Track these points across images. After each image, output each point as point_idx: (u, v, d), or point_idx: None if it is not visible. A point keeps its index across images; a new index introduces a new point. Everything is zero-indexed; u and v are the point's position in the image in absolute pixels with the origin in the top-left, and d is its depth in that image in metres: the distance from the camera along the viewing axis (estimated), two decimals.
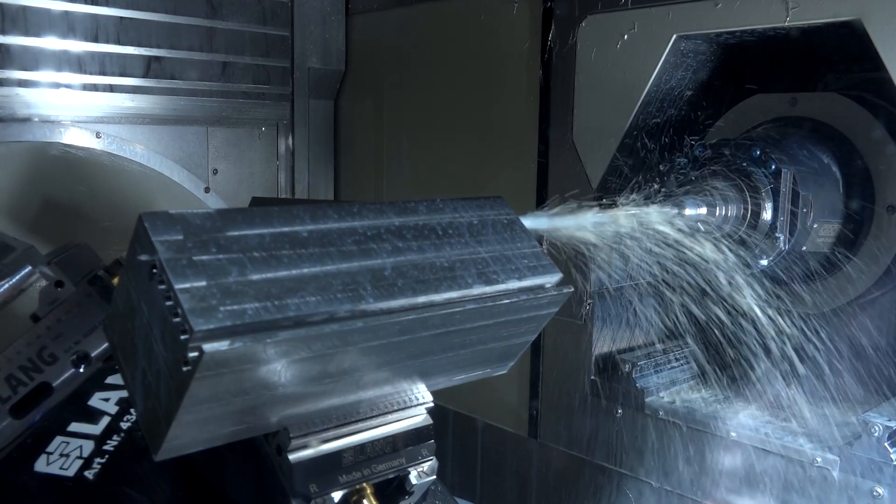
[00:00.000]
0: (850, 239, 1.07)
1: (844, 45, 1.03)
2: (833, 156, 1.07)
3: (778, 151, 1.01)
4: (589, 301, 1.22)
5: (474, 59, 1.46)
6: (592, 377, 1.24)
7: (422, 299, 0.60)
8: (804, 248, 1.02)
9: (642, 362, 1.20)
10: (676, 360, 1.25)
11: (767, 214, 1.00)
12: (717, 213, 1.00)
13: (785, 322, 1.02)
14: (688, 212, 0.98)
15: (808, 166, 1.03)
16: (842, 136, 1.08)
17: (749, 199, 1.00)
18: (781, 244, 0.99)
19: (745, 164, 1.01)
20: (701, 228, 0.99)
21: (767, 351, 1.04)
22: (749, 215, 1.00)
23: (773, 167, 0.99)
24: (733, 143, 1.03)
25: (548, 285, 0.69)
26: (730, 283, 1.02)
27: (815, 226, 1.02)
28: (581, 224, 0.89)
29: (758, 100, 1.16)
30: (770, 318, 1.04)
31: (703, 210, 0.99)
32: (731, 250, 0.99)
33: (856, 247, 1.07)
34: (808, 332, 1.02)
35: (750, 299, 1.06)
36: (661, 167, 1.06)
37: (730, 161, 1.02)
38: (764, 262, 1.01)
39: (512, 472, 1.43)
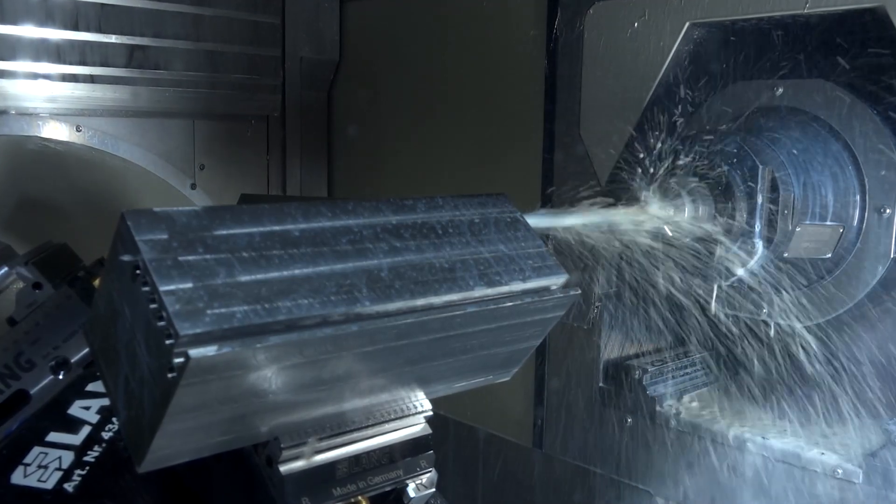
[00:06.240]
0: (839, 243, 1.03)
1: (845, 32, 1.02)
2: (819, 150, 1.03)
3: (756, 146, 0.98)
4: (597, 304, 1.22)
5: (476, 49, 1.47)
6: (600, 384, 1.24)
7: (420, 302, 0.60)
8: (786, 254, 0.99)
9: (653, 369, 1.20)
10: (689, 366, 1.25)
11: (743, 217, 0.96)
12: (686, 215, 0.96)
13: (781, 332, 1.02)
14: (652, 212, 0.95)
15: (790, 162, 1.00)
16: (829, 129, 1.04)
17: (722, 199, 0.96)
18: (759, 250, 0.96)
19: (718, 160, 0.97)
20: (669, 232, 0.96)
21: (774, 361, 1.04)
22: (722, 218, 0.96)
23: (750, 163, 0.95)
24: (706, 137, 1.01)
25: (553, 287, 0.69)
26: (704, 291, 1.01)
27: (799, 230, 0.98)
28: (584, 222, 0.89)
29: (738, 88, 1.13)
30: (760, 327, 1.03)
31: (671, 211, 0.96)
32: (702, 256, 0.97)
33: (845, 252, 1.03)
34: (808, 343, 1.02)
35: (729, 307, 1.06)
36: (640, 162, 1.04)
37: (702, 156, 0.99)
38: (740, 271, 0.98)
39: (515, 484, 1.43)
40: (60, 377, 0.87)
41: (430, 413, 0.72)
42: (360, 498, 0.67)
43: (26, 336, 0.89)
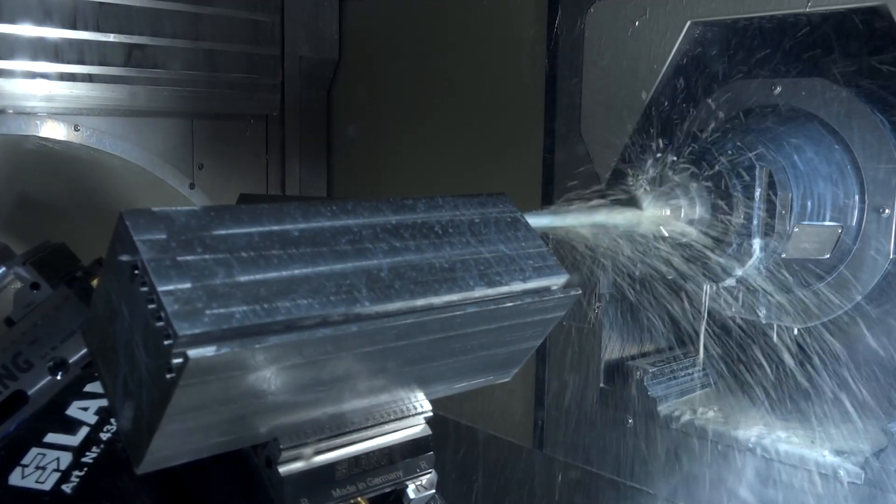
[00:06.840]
0: (838, 244, 1.03)
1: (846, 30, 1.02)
2: (818, 150, 1.02)
3: (753, 145, 0.97)
4: (598, 304, 1.22)
5: (476, 47, 1.46)
6: (601, 385, 1.24)
7: (420, 302, 0.60)
8: (783, 255, 0.98)
9: (654, 369, 1.20)
10: (691, 367, 1.25)
11: (740, 216, 0.95)
12: (682, 215, 0.96)
13: (781, 334, 1.02)
14: (648, 213, 0.94)
15: (788, 162, 0.99)
16: (829, 128, 1.03)
17: (720, 199, 0.96)
18: (756, 250, 0.95)
19: (715, 160, 0.97)
20: (664, 233, 0.95)
21: (774, 362, 1.03)
22: (719, 217, 0.96)
23: (748, 163, 0.95)
24: (703, 136, 1.00)
25: (554, 287, 0.69)
26: (702, 293, 1.01)
27: (797, 230, 0.97)
28: (584, 222, 0.89)
29: (735, 86, 1.12)
30: (759, 328, 1.03)
31: (667, 211, 0.95)
32: (698, 257, 0.97)
33: (844, 253, 1.02)
34: (808, 344, 1.02)
35: (727, 309, 1.05)
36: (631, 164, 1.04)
37: (699, 155, 0.98)
38: (738, 272, 0.97)
39: (515, 485, 1.43)
40: (58, 378, 0.87)
41: (430, 414, 0.72)
42: (359, 499, 0.67)
43: (24, 336, 0.88)
